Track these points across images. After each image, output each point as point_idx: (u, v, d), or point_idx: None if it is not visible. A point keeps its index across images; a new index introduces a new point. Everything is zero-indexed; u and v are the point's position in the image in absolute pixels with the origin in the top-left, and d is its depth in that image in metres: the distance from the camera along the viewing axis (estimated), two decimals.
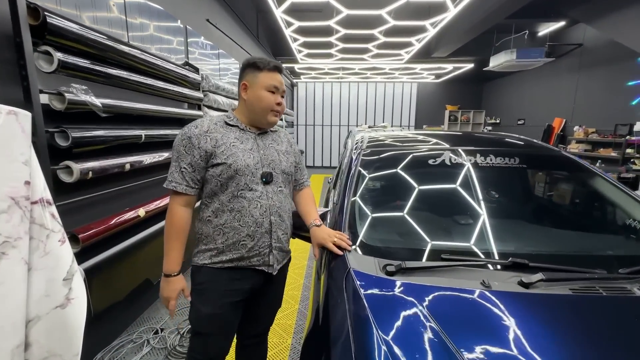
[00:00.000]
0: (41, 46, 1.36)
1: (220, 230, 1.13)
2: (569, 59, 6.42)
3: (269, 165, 1.17)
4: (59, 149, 1.49)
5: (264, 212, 1.14)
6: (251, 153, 1.15)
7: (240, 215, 1.12)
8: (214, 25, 3.75)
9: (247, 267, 1.17)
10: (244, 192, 1.12)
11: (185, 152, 1.09)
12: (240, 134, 1.16)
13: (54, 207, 1.32)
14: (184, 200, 1.13)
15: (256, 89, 1.14)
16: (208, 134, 1.10)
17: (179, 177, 1.10)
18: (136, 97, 2.13)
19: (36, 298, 1.24)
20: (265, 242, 1.17)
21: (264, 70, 1.14)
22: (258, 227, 1.14)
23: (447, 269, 1.05)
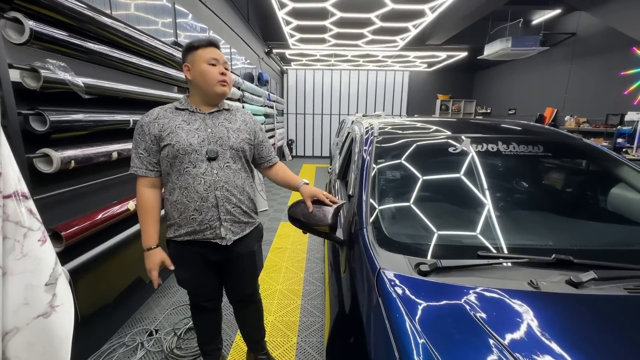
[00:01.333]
0: (9, 12, 1.15)
1: (174, 207, 1.24)
2: (562, 48, 6.42)
3: (216, 142, 1.23)
4: (35, 135, 1.30)
5: (207, 187, 1.22)
6: (197, 132, 1.22)
7: (187, 192, 1.21)
8: (204, 4, 3.49)
9: (203, 240, 1.27)
10: (188, 169, 1.20)
11: (139, 139, 1.21)
12: (188, 116, 1.24)
13: (31, 202, 1.15)
14: (147, 182, 1.24)
15: (197, 66, 1.20)
16: (156, 120, 1.20)
17: (138, 162, 1.22)
18: (121, 77, 1.92)
19: (14, 307, 1.07)
20: (214, 216, 1.24)
21: (199, 48, 1.21)
22: (203, 201, 1.22)
23: (485, 267, 0.95)
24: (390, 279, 0.90)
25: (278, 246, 3.38)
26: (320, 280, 2.67)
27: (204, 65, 1.19)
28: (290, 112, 10.65)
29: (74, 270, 1.49)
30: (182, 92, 2.78)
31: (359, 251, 1.07)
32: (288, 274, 2.78)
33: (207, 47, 1.21)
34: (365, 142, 1.64)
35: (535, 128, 1.74)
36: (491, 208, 1.19)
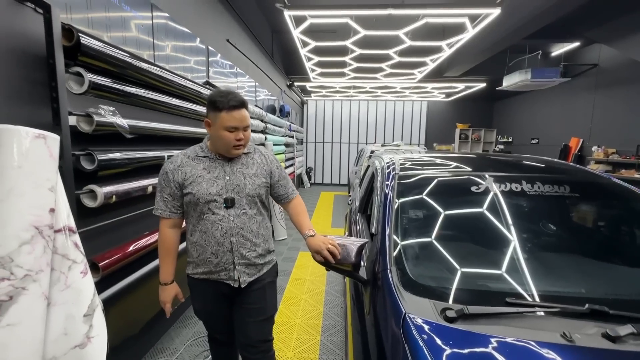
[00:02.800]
0: (73, 67, 1.32)
1: (194, 247, 1.32)
2: (585, 79, 6.36)
3: (233, 190, 1.29)
4: (83, 173, 1.43)
5: (224, 234, 1.28)
6: (216, 181, 1.28)
7: (205, 236, 1.29)
8: (234, 46, 3.78)
9: (217, 280, 1.33)
10: (207, 215, 1.28)
11: (164, 185, 1.29)
12: (209, 163, 1.31)
13: (77, 236, 1.24)
14: (170, 223, 1.33)
15: (217, 128, 1.24)
16: (180, 168, 1.28)
17: (163, 205, 1.30)
18: (159, 117, 2.09)
19: (54, 337, 1.13)
20: (229, 260, 1.30)
21: (222, 110, 1.21)
22: (220, 246, 1.29)
23: (514, 315, 0.93)
24: (417, 325, 0.89)
25: (297, 277, 3.37)
26: (340, 315, 2.62)
27: (223, 131, 1.22)
28: (309, 140, 10.91)
29: (106, 301, 1.56)
30: None
31: (383, 293, 1.07)
32: (307, 307, 2.74)
33: (231, 112, 1.20)
34: (387, 178, 1.67)
35: (561, 165, 1.72)
36: (518, 251, 1.18)
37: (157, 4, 2.21)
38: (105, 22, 1.72)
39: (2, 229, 1.01)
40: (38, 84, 1.27)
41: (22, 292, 1.02)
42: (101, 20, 1.69)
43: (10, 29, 1.18)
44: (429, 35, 4.94)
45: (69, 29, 1.27)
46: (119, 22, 1.83)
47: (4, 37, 1.16)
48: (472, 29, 3.82)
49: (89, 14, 1.60)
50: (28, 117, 1.24)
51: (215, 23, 3.36)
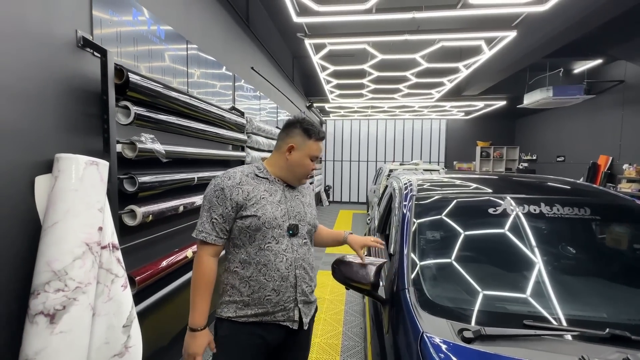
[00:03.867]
0: (121, 101, 1.49)
1: (246, 283, 1.12)
2: (611, 96, 6.20)
3: (295, 217, 1.18)
4: (125, 194, 1.58)
5: (289, 266, 1.13)
6: (279, 205, 1.16)
7: (266, 269, 1.11)
8: (258, 73, 4.02)
9: (270, 322, 1.14)
10: (270, 244, 1.12)
11: (217, 203, 1.10)
12: (269, 185, 1.18)
13: (119, 252, 1.37)
14: (213, 250, 1.12)
15: (302, 155, 1.18)
16: (240, 186, 1.12)
17: (210, 228, 1.10)
18: (190, 141, 2.26)
19: (97, 346, 1.24)
20: (291, 297, 1.14)
21: (312, 138, 1.18)
22: (283, 281, 1.12)
23: (532, 338, 0.95)
24: (434, 344, 0.93)
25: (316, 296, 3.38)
26: (359, 335, 2.61)
27: (307, 158, 1.18)
28: (328, 159, 11.07)
29: (140, 313, 1.67)
30: (235, 149, 3.12)
31: (401, 312, 1.11)
32: (326, 327, 2.75)
33: (319, 142, 1.21)
34: (405, 198, 1.73)
35: (582, 187, 1.72)
36: (536, 273, 1.19)
37: (190, 40, 2.44)
38: (147, 54, 1.93)
39: (59, 245, 1.15)
40: (92, 116, 1.45)
41: (74, 302, 1.15)
42: (144, 53, 1.90)
43: (73, 71, 1.37)
44: (445, 57, 5.04)
45: (120, 69, 1.45)
46: (159, 55, 2.04)
47: (68, 78, 1.35)
48: (488, 50, 3.88)
49: (135, 48, 1.80)
50: (83, 146, 1.41)
51: (240, 52, 3.61)
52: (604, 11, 3.30)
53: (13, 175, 1.14)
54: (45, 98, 1.26)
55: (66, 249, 1.16)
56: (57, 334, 1.10)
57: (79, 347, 1.14)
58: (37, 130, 1.23)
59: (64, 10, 1.34)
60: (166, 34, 2.11)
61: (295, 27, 4.03)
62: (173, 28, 2.20)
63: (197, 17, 2.60)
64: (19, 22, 1.16)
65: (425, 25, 3.99)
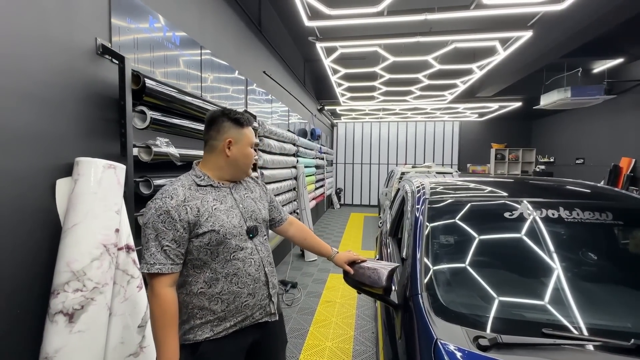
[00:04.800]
0: (138, 106, 1.53)
1: (217, 299, 1.07)
2: (633, 96, 5.98)
3: (251, 217, 1.16)
4: (140, 197, 1.61)
5: (258, 267, 1.14)
6: (232, 211, 1.11)
7: (237, 278, 1.09)
8: (269, 77, 4.06)
9: (250, 325, 1.15)
10: (236, 253, 1.09)
11: (165, 228, 0.99)
12: (216, 193, 1.11)
13: (135, 254, 1.40)
14: (171, 280, 1.01)
15: (242, 146, 1.14)
16: (186, 203, 1.02)
17: (163, 257, 0.98)
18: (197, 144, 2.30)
19: (113, 345, 1.27)
20: (264, 294, 1.17)
21: (246, 126, 1.15)
22: (256, 282, 1.14)
23: (551, 347, 0.92)
24: (449, 351, 0.91)
25: (327, 299, 3.38)
26: (371, 340, 2.58)
27: (249, 148, 1.16)
28: (339, 162, 11.06)
29: None
30: None
31: (414, 318, 1.09)
32: (338, 330, 2.74)
33: (250, 128, 1.18)
34: (418, 202, 1.71)
35: (602, 190, 1.66)
36: (555, 280, 1.15)
37: (204, 45, 2.49)
38: (163, 60, 1.98)
39: (78, 246, 1.18)
40: (110, 121, 1.49)
41: (91, 302, 1.18)
42: (160, 59, 1.94)
43: (93, 77, 1.42)
44: (458, 58, 4.97)
45: (137, 75, 1.49)
46: (174, 60, 2.09)
47: (87, 84, 1.40)
48: (503, 51, 3.81)
49: (151, 54, 1.85)
50: (101, 150, 1.45)
51: (252, 56, 3.66)
52: (625, 8, 3.19)
53: (35, 179, 1.19)
54: (66, 103, 1.31)
55: (85, 250, 1.19)
56: (76, 333, 1.13)
57: (95, 346, 1.17)
58: (58, 135, 1.28)
59: (85, 19, 1.39)
60: (181, 40, 2.16)
61: (307, 30, 4.05)
62: (188, 34, 2.24)
63: (211, 22, 2.65)
64: (42, 30, 1.21)
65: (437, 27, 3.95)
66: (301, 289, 3.65)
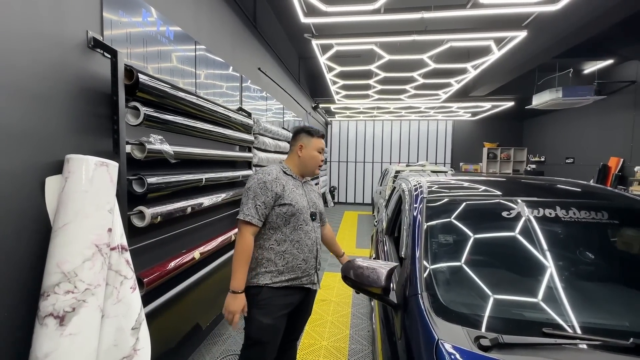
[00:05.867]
0: (131, 102, 1.49)
1: (281, 256, 1.45)
2: (622, 96, 6.09)
3: (313, 206, 1.56)
4: (134, 195, 1.57)
5: (313, 242, 1.52)
6: (303, 197, 1.53)
7: (299, 245, 1.47)
8: (264, 73, 4.01)
9: (298, 286, 1.49)
10: (302, 226, 1.48)
11: (261, 193, 1.42)
12: (294, 181, 1.54)
13: (128, 253, 1.36)
14: (254, 230, 1.43)
15: (310, 150, 1.56)
16: (277, 180, 1.46)
17: (254, 212, 1.41)
18: (198, 142, 2.26)
19: (106, 347, 1.23)
20: (313, 265, 1.53)
21: (314, 136, 1.58)
22: (310, 253, 1.51)
23: (551, 347, 0.92)
24: (450, 352, 0.90)
25: (322, 298, 3.37)
26: (366, 338, 2.58)
27: (315, 152, 1.57)
28: (333, 160, 11.04)
29: (147, 315, 1.66)
30: (242, 150, 3.12)
31: (414, 318, 1.09)
32: (333, 329, 2.73)
33: (320, 139, 1.60)
34: (415, 200, 1.70)
35: (597, 190, 1.67)
36: (554, 279, 1.16)
37: (199, 40, 2.44)
38: (157, 56, 1.93)
39: (69, 246, 1.14)
40: (102, 117, 1.44)
41: (83, 304, 1.14)
42: (153, 54, 1.90)
43: (84, 72, 1.37)
44: (453, 57, 4.99)
45: (130, 69, 1.44)
46: (167, 55, 2.04)
47: (78, 79, 1.35)
48: (497, 51, 3.83)
49: (144, 49, 1.80)
50: (93, 147, 1.40)
51: (247, 53, 3.61)
52: (616, 11, 3.23)
53: (24, 176, 1.14)
54: (56, 99, 1.26)
55: (76, 250, 1.15)
56: (67, 336, 1.09)
57: (87, 349, 1.14)
58: (48, 131, 1.23)
59: (75, 11, 1.34)
60: (175, 35, 2.11)
61: (303, 27, 4.02)
62: (182, 29, 2.20)
63: (206, 18, 2.60)
64: (31, 23, 1.16)
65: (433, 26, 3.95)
66: None
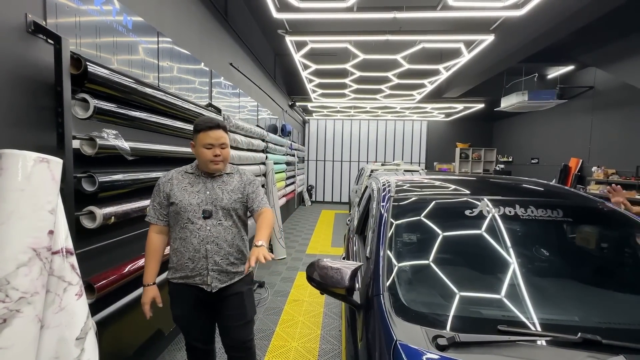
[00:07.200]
0: (79, 94, 1.37)
1: (174, 253, 1.49)
2: (581, 101, 6.47)
3: (212, 202, 1.48)
4: (83, 194, 1.46)
5: (201, 241, 1.45)
6: (197, 194, 1.48)
7: (184, 243, 1.46)
8: (237, 69, 3.90)
9: (192, 285, 1.49)
10: (187, 224, 1.46)
11: (156, 194, 1.51)
12: (193, 179, 1.51)
13: (74, 258, 1.26)
14: (157, 229, 1.51)
15: (197, 147, 1.47)
16: (169, 181, 1.50)
17: (152, 212, 1.51)
18: (159, 138, 2.14)
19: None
20: (203, 265, 1.46)
21: (200, 131, 1.46)
22: (196, 252, 1.45)
23: (506, 344, 0.93)
24: (407, 353, 0.89)
25: (295, 298, 3.33)
26: (337, 338, 2.57)
27: (202, 148, 1.45)
28: (310, 159, 11.01)
29: (99, 323, 1.55)
30: None
31: (375, 318, 1.07)
32: (304, 330, 2.70)
33: (207, 132, 1.44)
34: (383, 199, 1.69)
35: (555, 189, 1.74)
36: (511, 277, 1.18)
37: (162, 31, 2.32)
38: (112, 46, 1.80)
39: (0, 251, 1.03)
40: (44, 109, 1.32)
41: (17, 314, 1.03)
42: (108, 45, 1.77)
43: (21, 59, 1.25)
44: (426, 59, 5.09)
45: (77, 58, 1.33)
46: (125, 47, 1.91)
47: (15, 66, 1.22)
48: (467, 53, 3.94)
49: (97, 39, 1.68)
50: (34, 141, 1.28)
51: (218, 47, 3.49)
52: (576, 18, 3.41)
53: None
54: None
55: (9, 255, 1.04)
56: None
57: None
58: None
59: None
60: (134, 25, 1.99)
61: (276, 23, 3.94)
62: (142, 18, 2.07)
63: (170, 8, 2.48)
64: None
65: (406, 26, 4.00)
66: (268, 288, 3.57)
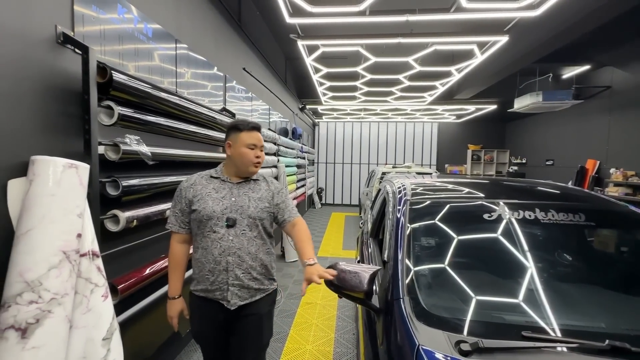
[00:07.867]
0: (104, 101, 1.42)
1: (196, 263, 1.38)
2: (598, 101, 6.31)
3: (237, 210, 1.35)
4: (107, 198, 1.50)
5: (222, 252, 1.32)
6: (222, 200, 1.35)
7: (205, 253, 1.34)
8: (249, 73, 3.96)
9: (212, 299, 1.36)
10: (209, 233, 1.34)
11: (177, 201, 1.40)
12: (219, 184, 1.39)
13: (100, 260, 1.30)
14: (179, 238, 1.42)
15: (238, 147, 1.37)
16: (192, 186, 1.38)
17: (174, 220, 1.40)
18: (178, 143, 2.19)
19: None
20: (223, 279, 1.33)
21: (243, 130, 1.38)
22: (216, 264, 1.32)
23: (530, 350, 0.92)
24: (430, 358, 0.89)
25: (308, 301, 3.33)
26: (351, 342, 2.57)
27: (244, 148, 1.36)
28: (320, 161, 11.03)
29: (122, 323, 1.59)
30: None
31: (396, 323, 1.07)
32: (318, 333, 2.70)
33: (250, 132, 1.37)
34: (399, 203, 1.69)
35: (576, 193, 1.71)
36: (534, 282, 1.16)
37: (180, 38, 2.37)
38: (134, 54, 1.86)
39: (33, 254, 1.07)
40: (72, 116, 1.37)
41: (48, 315, 1.07)
42: (130, 52, 1.82)
43: (52, 68, 1.30)
44: (438, 60, 5.06)
45: (103, 67, 1.38)
46: (146, 53, 1.97)
47: (46, 76, 1.28)
48: (480, 55, 3.90)
49: (120, 46, 1.73)
50: (62, 148, 1.33)
51: (232, 53, 3.55)
52: (593, 18, 3.34)
53: None
54: (21, 96, 1.19)
55: (41, 257, 1.08)
56: (29, 349, 1.02)
57: None
58: (11, 131, 1.16)
59: (43, 4, 1.27)
60: (154, 32, 2.04)
61: (288, 28, 3.98)
62: (161, 26, 2.13)
63: (187, 16, 2.53)
64: None
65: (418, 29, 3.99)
66: (281, 290, 3.59)
